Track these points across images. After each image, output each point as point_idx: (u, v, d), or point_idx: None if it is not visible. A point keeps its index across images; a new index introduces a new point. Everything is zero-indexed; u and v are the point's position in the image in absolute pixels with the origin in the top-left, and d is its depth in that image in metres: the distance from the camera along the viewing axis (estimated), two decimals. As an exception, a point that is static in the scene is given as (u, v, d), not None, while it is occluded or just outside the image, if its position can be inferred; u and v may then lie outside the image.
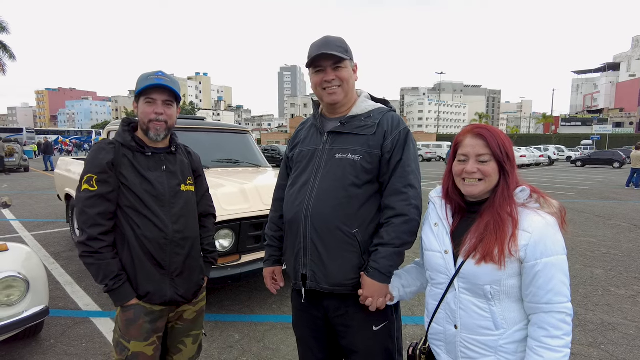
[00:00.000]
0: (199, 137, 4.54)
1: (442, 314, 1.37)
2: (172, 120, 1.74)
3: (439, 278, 1.36)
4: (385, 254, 1.49)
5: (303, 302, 1.63)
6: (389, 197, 1.54)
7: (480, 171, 1.28)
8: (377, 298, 1.50)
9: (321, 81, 1.57)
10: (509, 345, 1.26)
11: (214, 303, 3.91)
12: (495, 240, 1.22)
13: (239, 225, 3.21)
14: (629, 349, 3.15)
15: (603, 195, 13.07)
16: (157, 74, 1.68)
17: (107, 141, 1.70)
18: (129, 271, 1.67)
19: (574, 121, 75.87)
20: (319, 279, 1.55)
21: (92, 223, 1.60)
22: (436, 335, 1.41)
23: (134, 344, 1.66)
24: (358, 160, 1.54)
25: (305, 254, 1.57)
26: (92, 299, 3.95)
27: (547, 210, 1.25)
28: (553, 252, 1.19)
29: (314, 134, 1.68)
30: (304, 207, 1.56)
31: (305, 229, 1.55)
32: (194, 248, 1.80)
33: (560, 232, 1.24)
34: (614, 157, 29.80)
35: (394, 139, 1.56)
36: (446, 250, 1.34)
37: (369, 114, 1.61)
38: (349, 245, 1.53)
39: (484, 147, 1.28)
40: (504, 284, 1.23)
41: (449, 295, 1.34)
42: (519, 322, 1.26)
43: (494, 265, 1.21)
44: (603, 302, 4.10)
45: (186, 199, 1.79)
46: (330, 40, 1.56)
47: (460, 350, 1.33)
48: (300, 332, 1.76)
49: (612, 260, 5.65)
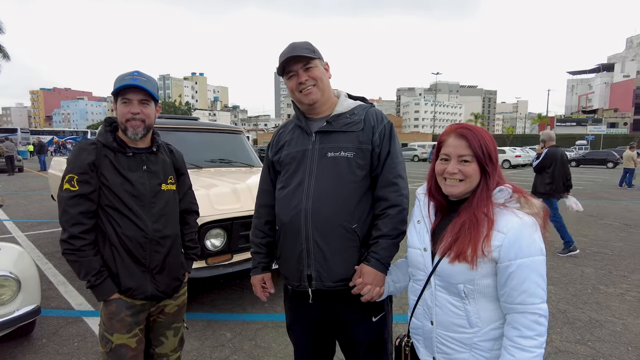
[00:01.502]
0: (192, 137, 4.56)
1: (421, 310, 1.41)
2: (150, 119, 1.76)
3: (418, 274, 1.40)
4: (385, 245, 1.55)
5: (310, 302, 1.64)
6: (382, 189, 1.59)
7: (461, 172, 1.29)
8: (375, 287, 1.54)
9: (296, 85, 1.60)
10: (483, 342, 1.27)
11: (206, 302, 3.93)
12: (469, 241, 1.23)
13: (231, 224, 3.23)
14: (615, 346, 3.20)
15: (596, 195, 13.17)
16: (132, 74, 1.70)
17: (89, 141, 1.73)
18: (110, 268, 1.71)
19: (569, 121, 76.26)
20: (324, 278, 1.58)
21: (74, 222, 1.64)
22: (415, 329, 1.45)
23: (117, 337, 1.71)
24: (351, 157, 1.57)
25: (309, 254, 1.58)
26: (85, 299, 3.96)
27: (527, 211, 1.25)
28: (527, 254, 1.19)
29: (299, 135, 1.68)
30: (303, 208, 1.57)
31: (307, 230, 1.56)
32: (174, 246, 1.84)
33: (539, 233, 1.24)
34: (608, 157, 30.01)
35: (381, 132, 1.61)
36: (425, 248, 1.36)
37: (352, 111, 1.65)
38: (350, 241, 1.57)
39: (466, 147, 1.28)
40: (477, 283, 1.25)
41: (426, 292, 1.37)
42: (494, 320, 1.27)
43: (466, 264, 1.23)
44: (592, 300, 4.15)
45: (167, 198, 1.82)
46: (295, 45, 1.60)
47: (437, 345, 1.36)
48: (297, 332, 1.78)
49: (603, 259, 5.71)
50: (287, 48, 1.61)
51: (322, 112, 1.68)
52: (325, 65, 1.68)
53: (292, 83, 1.61)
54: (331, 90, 1.70)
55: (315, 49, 1.64)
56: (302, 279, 1.61)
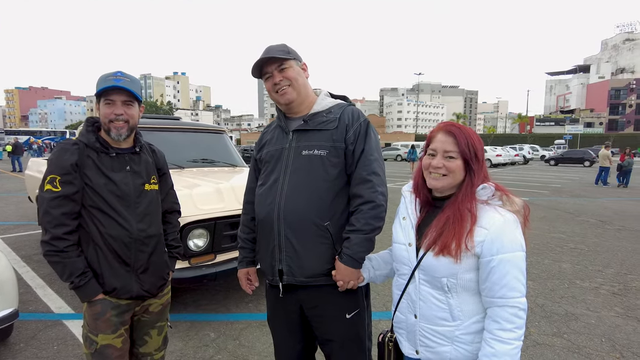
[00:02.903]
0: (173, 137, 4.52)
1: (405, 304, 1.45)
2: (134, 120, 1.76)
3: (402, 269, 1.44)
4: (357, 240, 1.56)
5: (281, 296, 1.68)
6: (356, 186, 1.61)
7: (446, 167, 1.33)
8: (348, 282, 1.59)
9: (272, 85, 1.65)
10: (465, 335, 1.32)
11: (190, 303, 3.91)
12: (453, 235, 1.27)
13: (214, 224, 3.22)
14: (589, 337, 3.31)
15: (574, 193, 13.52)
16: (115, 74, 1.69)
17: (71, 141, 1.71)
18: (94, 268, 1.70)
19: (548, 121, 78.07)
20: (295, 273, 1.61)
21: (57, 223, 1.62)
22: (399, 323, 1.49)
23: (102, 337, 1.71)
24: (325, 155, 1.60)
25: (280, 250, 1.62)
26: (65, 301, 3.89)
27: (509, 208, 1.29)
28: (509, 249, 1.24)
29: (279, 134, 1.73)
30: (276, 205, 1.61)
31: (279, 226, 1.60)
32: (158, 245, 1.85)
33: (520, 230, 1.28)
34: (585, 156, 30.88)
35: (355, 130, 1.63)
36: (410, 243, 1.40)
37: (329, 109, 1.68)
38: (322, 238, 1.60)
39: (453, 144, 1.33)
40: (460, 277, 1.29)
41: (410, 286, 1.41)
42: (476, 314, 1.32)
43: (450, 258, 1.27)
44: (568, 295, 4.27)
45: (150, 198, 1.83)
46: (271, 48, 1.64)
47: (420, 338, 1.40)
48: (276, 325, 1.82)
49: (579, 254, 5.88)
50: (264, 51, 1.65)
51: (300, 112, 1.71)
52: (303, 66, 1.71)
53: (269, 84, 1.66)
54: (309, 89, 1.73)
55: (291, 50, 1.67)
56: (275, 273, 1.66)
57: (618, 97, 75.19)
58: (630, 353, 3.07)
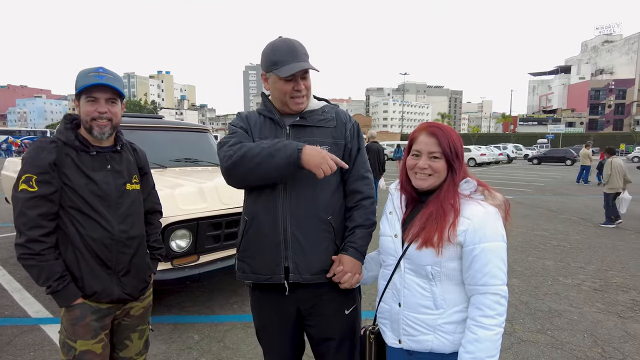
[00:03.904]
0: (156, 136, 4.43)
1: (389, 293, 1.48)
2: (117, 118, 1.70)
3: (388, 260, 1.49)
4: (361, 234, 1.64)
5: (286, 295, 1.60)
6: (356, 182, 1.69)
7: (431, 167, 1.39)
8: (354, 274, 1.60)
9: (291, 90, 1.57)
10: (447, 325, 1.35)
11: (174, 305, 3.84)
12: (436, 228, 1.32)
13: (197, 225, 3.16)
14: (572, 333, 3.35)
15: (556, 191, 13.78)
16: (97, 70, 1.62)
17: (49, 139, 1.63)
18: (73, 271, 1.64)
19: (531, 121, 79.46)
20: (302, 270, 1.58)
21: (33, 225, 1.55)
22: (383, 313, 1.52)
23: (81, 343, 1.64)
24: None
25: (287, 246, 1.57)
26: (43, 305, 3.77)
27: (490, 202, 1.36)
28: (491, 239, 1.29)
29: (270, 126, 1.65)
30: (280, 198, 1.57)
31: (285, 222, 1.56)
32: (140, 247, 1.80)
33: (501, 222, 1.35)
34: (567, 155, 31.52)
35: (351, 130, 1.71)
36: (396, 235, 1.46)
37: (322, 109, 1.71)
38: (327, 233, 1.61)
39: (436, 145, 1.38)
40: (444, 266, 1.34)
41: (396, 275, 1.45)
42: (458, 304, 1.36)
43: (433, 250, 1.32)
44: (552, 291, 4.33)
45: (132, 198, 1.77)
46: (298, 49, 1.56)
47: (403, 327, 1.42)
48: (270, 333, 1.73)
49: (562, 252, 5.97)
50: (288, 47, 1.56)
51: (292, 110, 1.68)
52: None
53: (288, 87, 1.57)
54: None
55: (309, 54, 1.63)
56: (278, 271, 1.58)
57: (598, 98, 76.99)
58: (612, 348, 3.12)
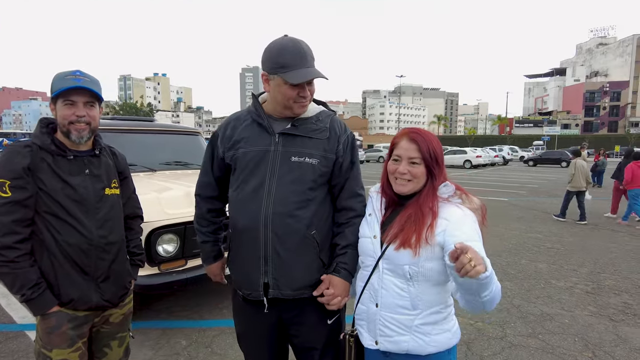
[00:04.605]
0: (146, 139, 4.39)
1: (367, 294, 1.48)
2: (96, 122, 1.67)
3: (367, 261, 1.49)
4: (353, 255, 1.58)
5: (266, 312, 1.58)
6: (349, 199, 1.62)
7: (410, 172, 1.41)
8: (344, 297, 1.57)
9: (295, 95, 1.50)
10: (424, 326, 1.37)
11: (163, 310, 3.80)
12: (414, 230, 1.35)
13: (184, 229, 3.12)
14: (563, 337, 3.33)
15: (551, 193, 13.81)
16: (74, 73, 1.60)
17: (23, 143, 1.60)
18: (49, 278, 1.60)
19: (527, 123, 79.78)
20: (282, 286, 1.53)
21: (6, 231, 1.51)
22: (360, 314, 1.52)
23: (57, 352, 1.60)
24: (316, 164, 1.55)
25: (267, 262, 1.52)
26: (30, 311, 3.72)
27: (467, 206, 1.40)
28: (469, 237, 1.28)
29: (259, 133, 1.57)
30: (262, 212, 1.50)
31: (266, 235, 1.50)
32: (120, 252, 1.76)
33: (477, 225, 1.37)
34: (562, 156, 31.64)
35: (344, 143, 1.63)
36: (375, 236, 1.46)
37: (317, 116, 1.61)
38: (310, 247, 1.55)
39: (416, 151, 1.40)
40: (421, 266, 1.34)
41: (374, 276, 1.45)
42: (435, 305, 1.38)
43: (410, 250, 1.34)
44: (544, 295, 4.31)
45: (111, 203, 1.74)
46: (307, 52, 1.49)
47: (379, 328, 1.42)
48: (250, 342, 1.71)
49: (555, 254, 5.97)
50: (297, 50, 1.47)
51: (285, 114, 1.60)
52: None
53: (293, 92, 1.49)
54: None
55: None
56: (258, 287, 1.55)
57: (593, 100, 77.43)
58: (602, 352, 3.10)
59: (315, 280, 1.57)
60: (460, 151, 29.85)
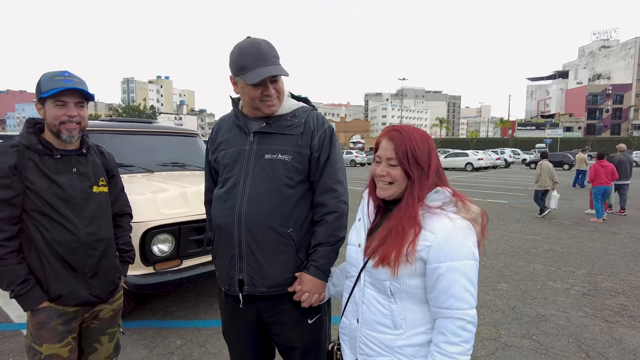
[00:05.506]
0: (144, 140, 4.42)
1: (350, 307, 1.38)
2: (86, 121, 1.72)
3: (352, 270, 1.38)
4: (323, 253, 1.56)
5: (241, 307, 1.60)
6: (322, 195, 1.59)
7: (389, 174, 1.26)
8: (314, 294, 1.54)
9: (260, 94, 1.51)
10: (407, 348, 1.23)
11: (158, 309, 3.82)
12: (394, 247, 1.20)
13: (179, 229, 3.14)
14: (557, 338, 3.33)
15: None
16: (63, 74, 1.64)
17: (10, 144, 1.64)
18: (38, 275, 1.63)
19: (529, 125, 79.48)
20: (256, 283, 1.55)
21: None
22: (343, 328, 1.42)
23: (47, 347, 1.63)
24: (289, 160, 1.54)
25: (241, 259, 1.54)
26: (27, 311, 3.74)
27: (463, 215, 1.21)
28: (458, 257, 1.15)
29: (237, 134, 1.63)
30: (236, 210, 1.53)
31: (240, 233, 1.53)
32: (108, 249, 1.79)
33: (473, 239, 1.19)
34: (564, 159, 31.52)
35: (320, 137, 1.59)
36: (359, 244, 1.34)
37: (293, 113, 1.61)
38: (285, 246, 1.54)
39: (392, 151, 1.25)
40: (403, 282, 1.21)
41: (356, 289, 1.34)
42: (420, 325, 1.23)
43: (389, 269, 1.21)
44: (540, 296, 4.31)
45: (99, 201, 1.77)
46: (265, 51, 1.48)
47: (360, 346, 1.32)
48: (233, 337, 1.74)
49: (553, 256, 5.96)
50: (254, 50, 1.48)
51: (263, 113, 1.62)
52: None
53: (257, 92, 1.51)
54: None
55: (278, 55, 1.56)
56: (233, 283, 1.58)
57: (595, 102, 77.17)
58: (596, 353, 3.10)
59: (291, 278, 1.57)
60: (462, 154, 29.80)
